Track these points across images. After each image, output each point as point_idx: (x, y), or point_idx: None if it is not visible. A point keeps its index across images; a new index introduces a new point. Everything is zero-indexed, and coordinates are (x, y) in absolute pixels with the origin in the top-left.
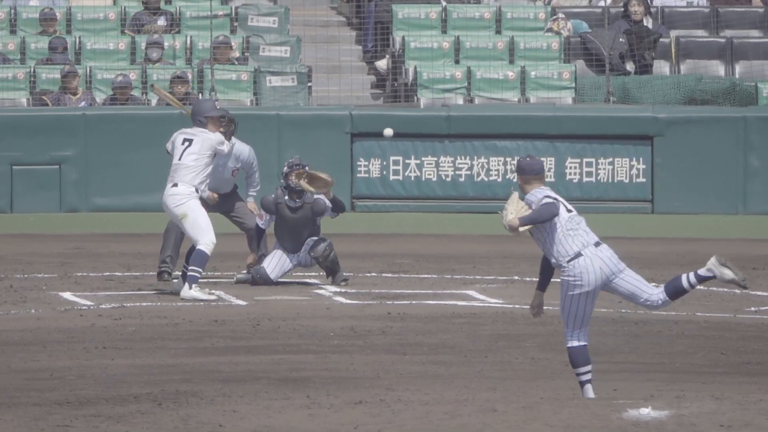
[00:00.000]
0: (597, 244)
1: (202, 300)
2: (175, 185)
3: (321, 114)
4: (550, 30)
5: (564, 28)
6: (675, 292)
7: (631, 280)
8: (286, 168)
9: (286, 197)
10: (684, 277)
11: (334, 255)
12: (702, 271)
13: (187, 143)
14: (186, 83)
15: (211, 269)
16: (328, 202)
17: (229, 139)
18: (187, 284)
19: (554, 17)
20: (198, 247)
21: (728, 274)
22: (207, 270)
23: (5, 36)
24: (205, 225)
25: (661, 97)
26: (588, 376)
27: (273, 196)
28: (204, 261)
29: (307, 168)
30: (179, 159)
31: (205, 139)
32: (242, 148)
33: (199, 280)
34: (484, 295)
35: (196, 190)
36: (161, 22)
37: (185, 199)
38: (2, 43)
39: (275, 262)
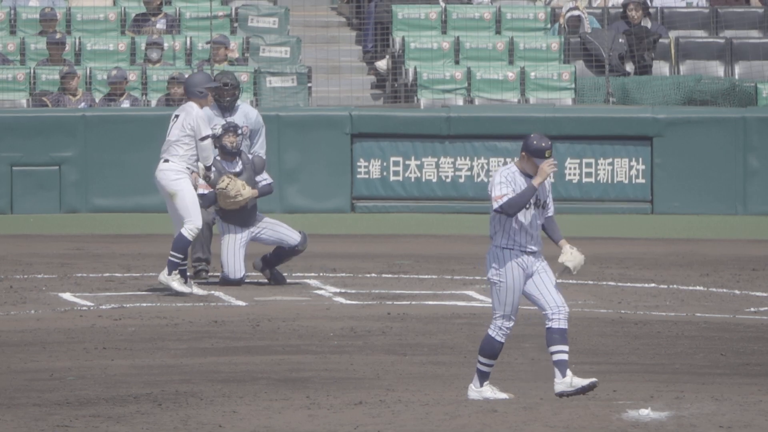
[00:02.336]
0: None
1: (176, 291)
2: (166, 161)
3: (321, 115)
4: (569, 17)
5: (583, 23)
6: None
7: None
8: (220, 130)
9: (224, 164)
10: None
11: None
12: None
13: (175, 118)
14: (182, 84)
15: (211, 269)
16: (264, 156)
17: (234, 104)
18: (166, 268)
19: (572, 8)
20: (181, 230)
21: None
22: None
23: (5, 36)
24: (193, 209)
25: (660, 98)
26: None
27: (213, 171)
28: (185, 246)
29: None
30: (168, 135)
31: (188, 114)
32: (250, 109)
33: (195, 278)
34: (484, 296)
35: (189, 169)
36: (160, 25)
37: (178, 176)
38: (2, 43)
39: (232, 259)
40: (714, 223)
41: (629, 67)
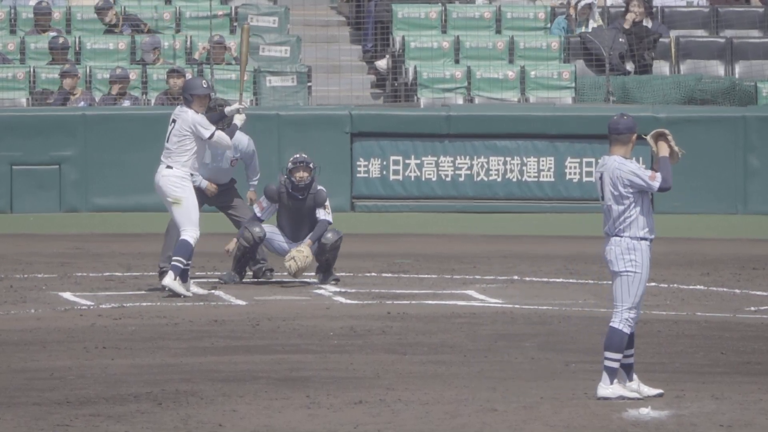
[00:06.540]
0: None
1: (179, 293)
2: (169, 167)
3: (321, 114)
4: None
5: (594, 14)
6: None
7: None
8: (290, 164)
9: (290, 189)
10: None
11: (338, 249)
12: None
13: (173, 123)
14: (182, 76)
15: (211, 269)
16: (325, 193)
17: (228, 126)
18: (170, 272)
19: None
20: (182, 236)
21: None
22: (207, 270)
23: (5, 36)
24: (194, 216)
25: (660, 97)
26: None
27: (275, 186)
28: (188, 251)
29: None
30: (167, 140)
31: (185, 119)
32: (241, 138)
33: (195, 278)
34: (484, 295)
35: (192, 175)
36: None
37: (182, 183)
38: (2, 43)
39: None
40: (714, 222)
41: (629, 66)
